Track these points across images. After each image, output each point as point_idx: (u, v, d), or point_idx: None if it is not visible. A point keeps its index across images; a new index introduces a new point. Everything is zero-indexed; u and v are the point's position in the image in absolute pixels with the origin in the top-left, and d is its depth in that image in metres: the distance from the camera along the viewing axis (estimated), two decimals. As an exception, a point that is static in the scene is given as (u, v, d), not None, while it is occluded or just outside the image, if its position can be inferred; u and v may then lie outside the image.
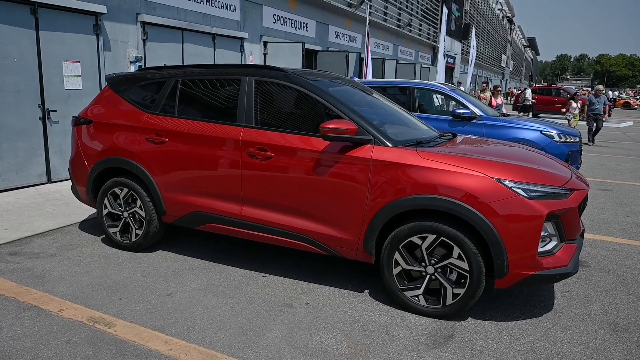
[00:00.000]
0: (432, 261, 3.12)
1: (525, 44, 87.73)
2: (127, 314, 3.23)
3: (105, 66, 7.55)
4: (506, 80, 52.84)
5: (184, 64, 9.07)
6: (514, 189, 2.94)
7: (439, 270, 3.12)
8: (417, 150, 3.23)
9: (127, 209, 4.33)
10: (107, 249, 4.43)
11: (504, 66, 56.20)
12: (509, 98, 39.06)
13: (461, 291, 3.05)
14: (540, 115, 22.27)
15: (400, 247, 3.18)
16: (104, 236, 4.74)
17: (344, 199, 3.33)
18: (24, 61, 6.38)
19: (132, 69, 7.99)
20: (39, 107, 6.65)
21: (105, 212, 4.43)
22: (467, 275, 3.01)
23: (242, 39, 10.70)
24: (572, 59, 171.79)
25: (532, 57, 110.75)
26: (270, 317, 3.21)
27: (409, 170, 3.13)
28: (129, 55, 7.97)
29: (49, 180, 6.93)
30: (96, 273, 3.88)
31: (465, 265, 3.01)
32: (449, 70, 28.76)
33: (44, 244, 4.54)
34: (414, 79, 18.32)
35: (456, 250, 3.02)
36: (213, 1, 9.80)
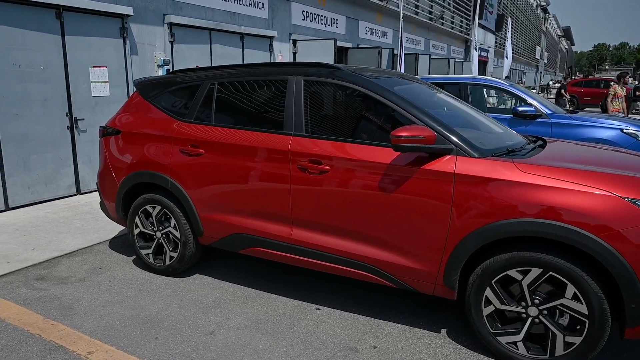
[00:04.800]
0: (536, 301, 2.52)
1: (560, 34, 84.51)
2: (165, 359, 2.74)
3: (133, 71, 7.17)
4: (540, 73, 50.86)
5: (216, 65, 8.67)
6: None
7: (545, 312, 2.51)
8: (513, 162, 2.62)
9: (160, 228, 3.86)
10: (139, 273, 3.98)
11: (539, 58, 54.15)
12: (544, 92, 37.45)
13: (576, 340, 2.43)
14: (586, 109, 21.07)
15: (492, 282, 2.59)
16: (135, 257, 4.30)
17: (420, 222, 2.76)
18: (50, 68, 6.03)
19: (160, 73, 7.60)
20: (67, 115, 6.30)
21: (136, 231, 3.98)
22: (586, 320, 2.39)
23: (271, 37, 10.21)
24: (610, 48, 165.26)
25: (567, 47, 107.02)
26: (332, 366, 2.67)
27: (506, 187, 2.53)
28: (157, 59, 7.57)
29: (78, 191, 6.59)
30: (128, 303, 3.43)
31: (582, 308, 2.39)
32: (482, 64, 27.65)
33: (72, 266, 4.13)
34: (448, 74, 17.52)
35: (570, 289, 2.40)
36: (242, -1, 9.34)
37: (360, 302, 3.42)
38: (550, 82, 44.06)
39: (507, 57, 21.27)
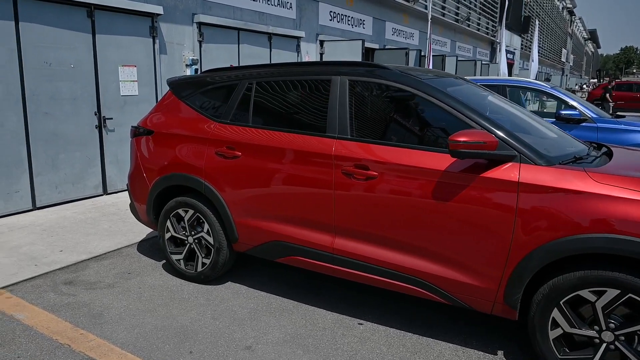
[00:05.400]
0: (611, 325, 2.27)
1: (586, 36, 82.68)
2: (200, 376, 2.57)
3: (161, 70, 7.07)
4: (566, 76, 49.73)
5: (245, 64, 8.56)
6: None
7: (622, 338, 2.26)
8: (586, 171, 2.38)
9: (193, 233, 3.70)
10: (170, 279, 3.83)
11: (564, 61, 52.96)
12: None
13: (661, 371, 2.18)
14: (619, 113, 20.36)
15: (561, 302, 2.35)
16: (165, 261, 4.16)
17: (478, 234, 2.53)
18: (80, 67, 5.96)
19: (188, 72, 7.50)
20: (95, 115, 6.22)
21: (167, 236, 3.84)
22: (673, 350, 2.14)
23: (298, 38, 10.06)
24: (638, 51, 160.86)
25: (592, 50, 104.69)
26: (382, 389, 2.46)
27: (579, 199, 2.29)
28: (185, 58, 7.47)
29: (105, 191, 6.51)
30: (160, 312, 3.27)
31: (670, 336, 2.14)
32: (508, 66, 27.07)
33: (100, 270, 4.00)
34: (474, 76, 17.14)
35: (656, 315, 2.15)
36: (270, -1, 9.21)
37: (407, 318, 3.20)
38: (585, 86, 42.31)
39: (533, 60, 20.78)
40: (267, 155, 3.23)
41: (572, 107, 5.87)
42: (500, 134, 2.56)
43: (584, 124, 5.72)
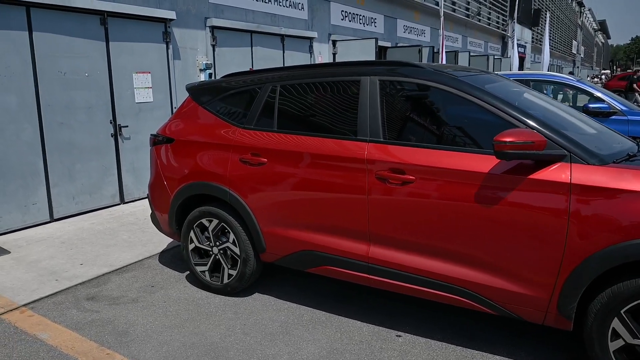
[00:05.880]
0: (681, 336, 2.10)
1: (595, 27, 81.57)
2: (235, 397, 2.44)
3: (175, 76, 6.98)
4: (578, 68, 49.05)
5: (255, 68, 8.43)
6: None
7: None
8: (647, 171, 2.21)
9: (218, 244, 3.58)
10: (195, 292, 3.71)
11: (575, 53, 52.24)
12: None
13: None
14: None
15: (622, 311, 2.18)
16: (188, 272, 4.05)
17: (527, 240, 2.37)
18: (95, 75, 5.89)
19: (202, 77, 7.40)
20: (111, 123, 6.14)
21: (191, 247, 3.72)
22: None
23: (311, 38, 9.93)
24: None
25: (602, 41, 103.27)
26: (430, 408, 2.31)
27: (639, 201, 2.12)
28: (199, 63, 7.38)
29: (122, 200, 6.42)
30: (187, 328, 3.15)
31: None
32: (520, 60, 26.71)
33: (123, 283, 3.89)
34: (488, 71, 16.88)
35: None
36: (281, 0, 9.08)
37: (447, 329, 3.04)
38: (603, 77, 40.96)
39: (544, 53, 20.46)
40: (295, 161, 3.09)
41: (600, 100, 5.66)
42: (548, 132, 2.40)
43: (613, 117, 5.51)
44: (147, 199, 6.57)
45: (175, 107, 6.98)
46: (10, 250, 4.68)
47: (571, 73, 24.29)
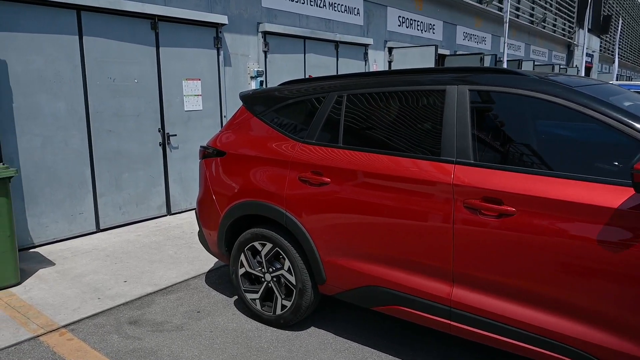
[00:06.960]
0: None
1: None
2: None
3: (226, 83, 6.73)
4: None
5: (305, 76, 8.10)
6: None
7: None
8: None
9: (271, 270, 3.19)
10: (244, 321, 3.33)
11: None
12: None
13: None
14: None
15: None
16: (237, 297, 3.69)
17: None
18: (144, 82, 5.70)
19: (253, 85, 7.12)
20: (159, 131, 5.93)
21: (241, 271, 3.35)
22: None
23: (366, 45, 9.50)
24: None
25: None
26: None
27: None
28: (250, 70, 7.10)
29: (169, 212, 6.20)
30: (235, 367, 2.77)
31: None
32: (587, 70, 25.14)
33: (167, 306, 3.58)
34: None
35: None
36: (336, 5, 8.72)
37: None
38: None
39: (616, 62, 19.19)
40: (363, 182, 2.66)
41: None
42: None
43: None
44: (193, 211, 6.32)
45: (225, 116, 6.73)
46: (55, 262, 4.50)
47: None
